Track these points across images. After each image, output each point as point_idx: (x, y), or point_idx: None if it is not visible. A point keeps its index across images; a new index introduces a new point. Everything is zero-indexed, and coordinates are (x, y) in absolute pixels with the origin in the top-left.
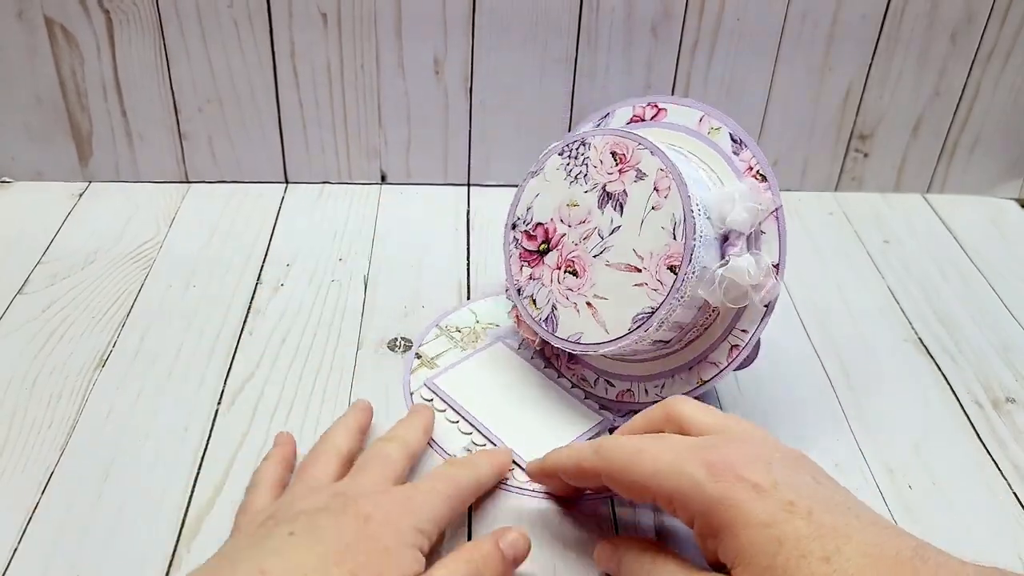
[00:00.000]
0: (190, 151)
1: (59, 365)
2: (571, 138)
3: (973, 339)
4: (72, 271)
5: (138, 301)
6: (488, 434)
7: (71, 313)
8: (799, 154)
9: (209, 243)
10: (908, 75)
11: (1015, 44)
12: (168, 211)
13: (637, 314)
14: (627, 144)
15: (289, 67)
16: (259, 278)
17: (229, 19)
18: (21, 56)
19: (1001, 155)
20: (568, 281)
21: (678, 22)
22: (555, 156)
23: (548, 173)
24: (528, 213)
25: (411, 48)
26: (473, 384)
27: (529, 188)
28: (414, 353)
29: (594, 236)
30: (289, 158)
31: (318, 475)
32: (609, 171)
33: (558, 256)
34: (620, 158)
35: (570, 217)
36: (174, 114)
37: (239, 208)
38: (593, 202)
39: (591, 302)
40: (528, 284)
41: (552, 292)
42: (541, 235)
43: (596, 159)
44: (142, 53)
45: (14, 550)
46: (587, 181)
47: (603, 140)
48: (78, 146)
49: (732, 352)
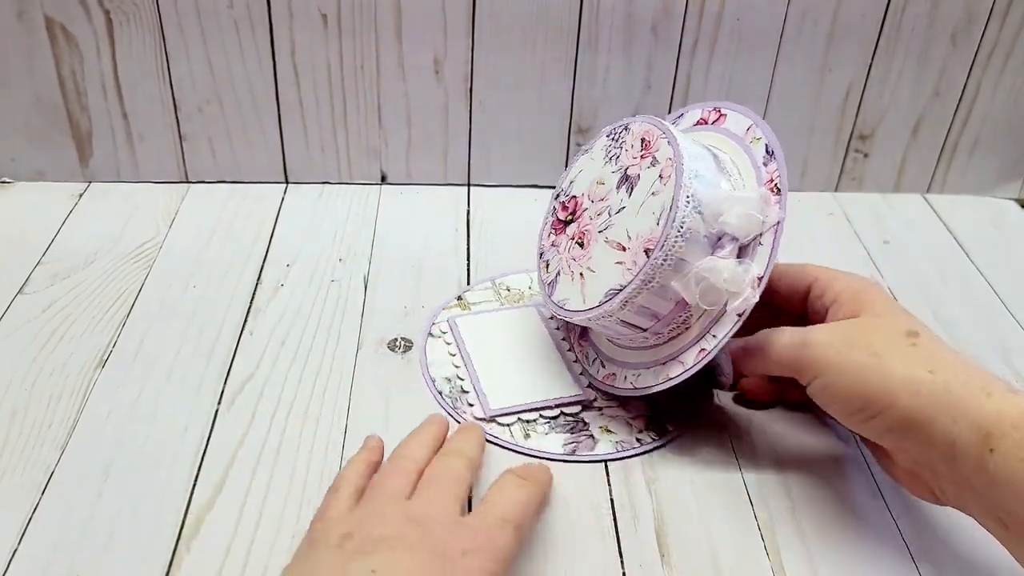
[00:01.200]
0: (190, 151)
1: (59, 365)
2: (620, 123)
3: (973, 339)
4: (72, 271)
5: (138, 301)
6: (473, 379)
7: (71, 313)
8: (799, 154)
9: (209, 243)
10: (908, 75)
11: (1015, 44)
12: (168, 211)
13: (609, 289)
14: (654, 132)
15: (289, 67)
16: (259, 278)
17: (229, 19)
18: (21, 56)
19: (1001, 155)
20: (574, 251)
21: (678, 22)
22: (603, 137)
23: (595, 152)
24: (570, 186)
25: (411, 48)
26: (488, 333)
27: (577, 164)
28: (456, 296)
29: (605, 213)
30: (289, 158)
31: (394, 490)
32: (635, 156)
33: (576, 227)
34: (646, 144)
35: (595, 193)
36: (174, 114)
37: (239, 208)
38: (615, 182)
39: (583, 273)
40: (550, 250)
41: (561, 260)
42: (572, 207)
43: (630, 143)
44: (142, 53)
45: (14, 550)
46: (617, 163)
47: (640, 127)
48: (78, 146)
49: (700, 355)
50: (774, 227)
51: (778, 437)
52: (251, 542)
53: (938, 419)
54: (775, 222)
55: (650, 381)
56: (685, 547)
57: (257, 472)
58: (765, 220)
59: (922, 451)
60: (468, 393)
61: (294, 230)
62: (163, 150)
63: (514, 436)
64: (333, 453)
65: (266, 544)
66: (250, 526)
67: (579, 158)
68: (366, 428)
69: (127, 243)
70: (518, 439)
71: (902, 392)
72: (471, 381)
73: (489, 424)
